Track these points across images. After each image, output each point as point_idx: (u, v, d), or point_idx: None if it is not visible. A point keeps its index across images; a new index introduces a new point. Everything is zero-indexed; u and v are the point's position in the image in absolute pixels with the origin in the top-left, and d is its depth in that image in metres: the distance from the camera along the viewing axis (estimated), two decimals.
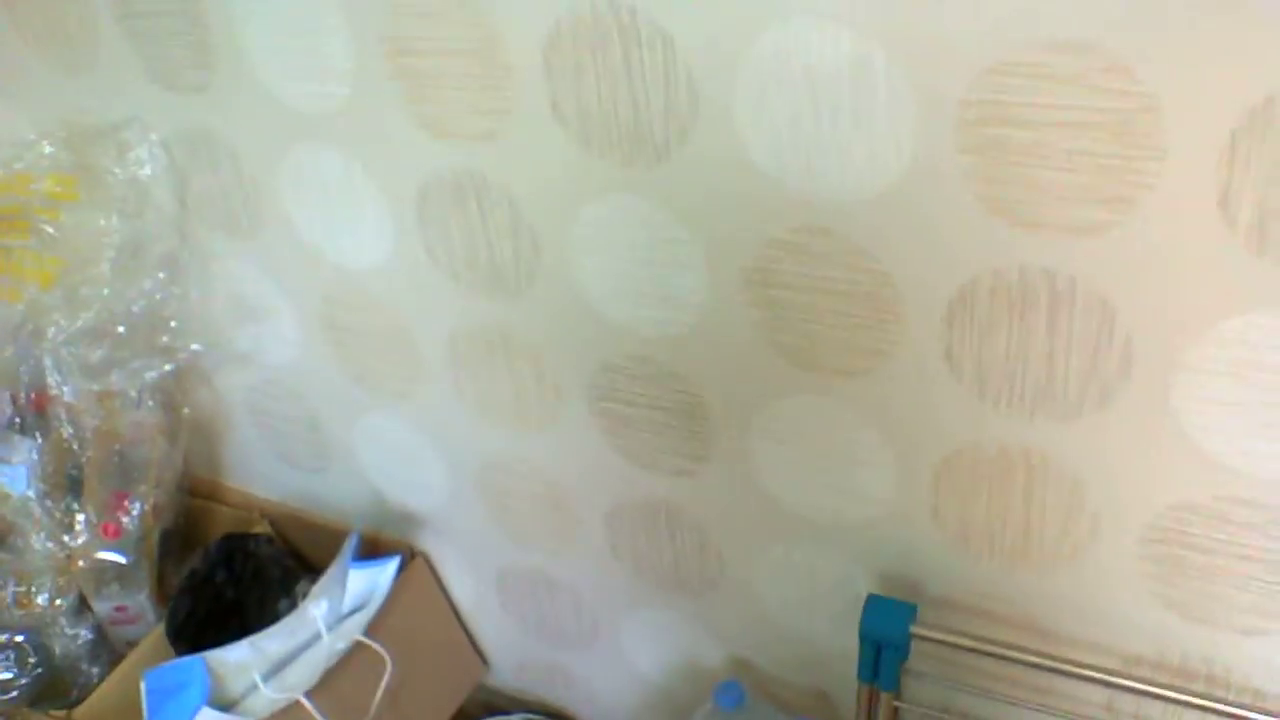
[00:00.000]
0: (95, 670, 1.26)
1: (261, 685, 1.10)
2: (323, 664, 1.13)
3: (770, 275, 0.86)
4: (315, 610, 1.16)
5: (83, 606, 1.25)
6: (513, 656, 1.39)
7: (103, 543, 1.21)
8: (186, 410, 1.29)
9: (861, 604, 0.95)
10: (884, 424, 0.90)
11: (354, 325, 1.13)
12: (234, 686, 1.12)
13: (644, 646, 1.23)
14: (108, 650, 1.28)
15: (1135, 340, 0.76)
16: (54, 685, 1.23)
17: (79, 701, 1.17)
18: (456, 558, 1.31)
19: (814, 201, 0.81)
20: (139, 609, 1.27)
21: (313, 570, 1.33)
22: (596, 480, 1.10)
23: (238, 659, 1.11)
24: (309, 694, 1.11)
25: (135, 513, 1.23)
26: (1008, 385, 0.83)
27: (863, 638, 0.95)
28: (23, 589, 1.20)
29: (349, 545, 1.19)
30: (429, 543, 1.32)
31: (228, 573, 1.27)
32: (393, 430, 1.21)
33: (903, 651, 0.95)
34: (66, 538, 1.21)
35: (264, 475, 1.38)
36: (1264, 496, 0.78)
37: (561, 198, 0.92)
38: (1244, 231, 0.69)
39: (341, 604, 1.20)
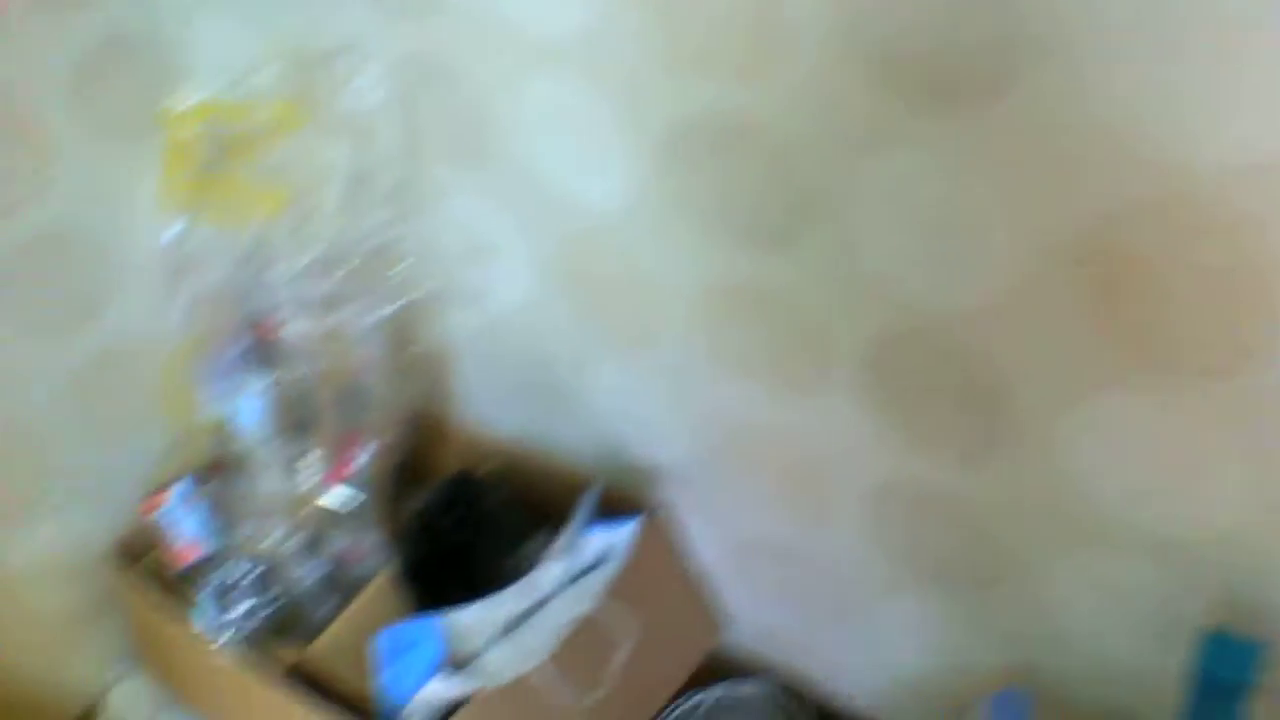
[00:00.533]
0: (327, 607, 1.23)
1: (496, 649, 1.03)
2: (561, 629, 1.06)
3: (1110, 247, 0.69)
4: (552, 571, 1.08)
5: (314, 545, 1.21)
6: (750, 621, 1.29)
7: (334, 483, 1.17)
8: (415, 348, 1.21)
9: (1192, 628, 0.79)
10: (1249, 431, 0.72)
11: (594, 270, 1.02)
12: (466, 647, 1.06)
13: (903, 635, 1.10)
14: (338, 588, 1.25)
15: None
16: (289, 620, 1.22)
17: (313, 637, 1.15)
18: (696, 517, 1.21)
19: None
20: (369, 548, 1.23)
21: (543, 518, 1.26)
22: (862, 457, 0.97)
23: (472, 620, 1.05)
24: (546, 661, 1.04)
25: (366, 452, 1.17)
26: None
27: (1195, 681, 0.79)
28: (259, 528, 1.17)
29: (588, 502, 1.10)
30: (667, 497, 1.22)
31: (455, 514, 1.21)
32: (634, 380, 1.10)
33: (1242, 699, 0.79)
34: (298, 477, 1.17)
35: (492, 416, 1.31)
36: None
37: (842, 145, 0.76)
38: None
39: (577, 563, 1.12)
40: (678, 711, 1.29)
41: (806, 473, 1.03)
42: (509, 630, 1.09)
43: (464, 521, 1.20)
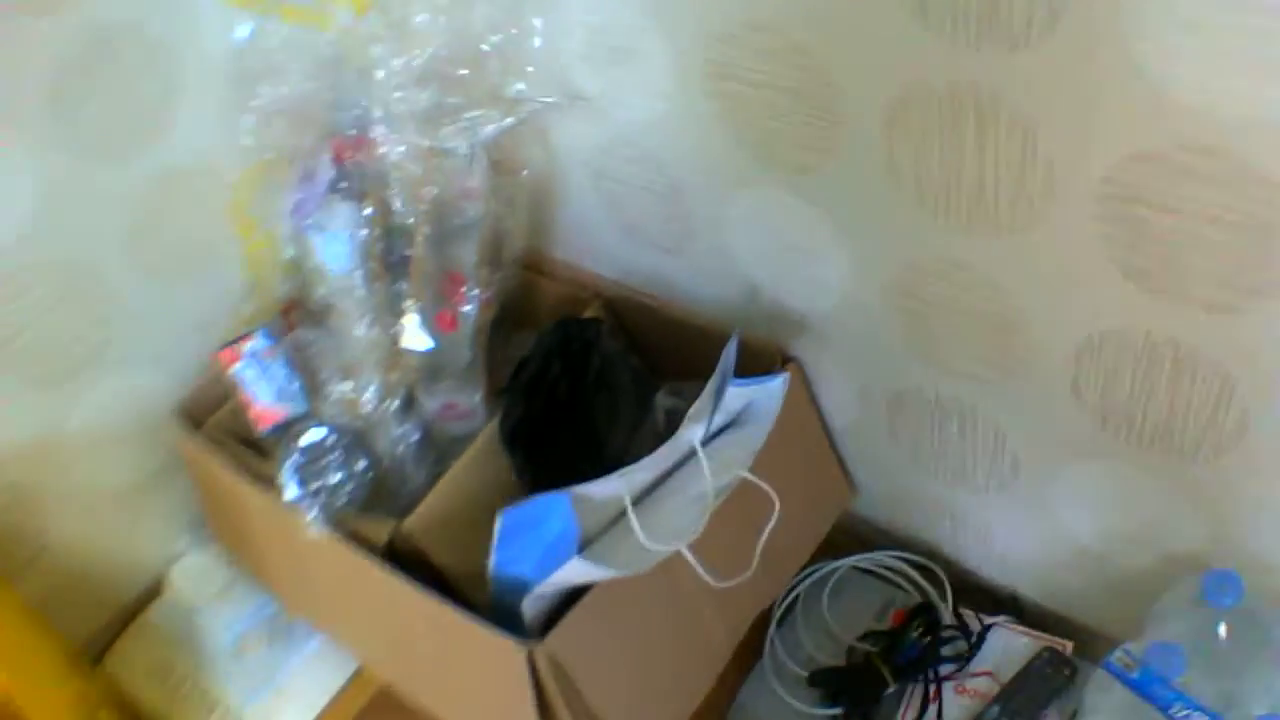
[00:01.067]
0: (421, 473, 1.09)
1: (630, 526, 0.89)
2: (704, 502, 0.92)
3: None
4: (693, 437, 0.93)
5: (408, 405, 1.07)
6: (888, 486, 1.15)
7: (435, 333, 1.02)
8: (525, 172, 1.05)
9: None
10: None
11: (751, 74, 0.85)
12: (595, 521, 0.92)
13: (1083, 505, 0.96)
14: (434, 450, 1.10)
15: None
16: (380, 489, 1.08)
17: (408, 509, 1.01)
18: (838, 370, 1.06)
19: None
20: (471, 406, 1.09)
21: (664, 371, 1.11)
22: (1077, 301, 0.81)
23: (604, 493, 0.91)
24: (692, 543, 0.90)
25: (471, 299, 1.02)
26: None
27: None
28: (348, 386, 1.02)
29: (729, 353, 0.95)
30: (803, 349, 1.06)
31: (563, 364, 1.06)
32: (784, 210, 0.94)
33: None
34: (391, 327, 1.01)
35: (603, 251, 1.14)
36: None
37: None
38: None
39: (716, 424, 0.97)
40: (808, 582, 1.17)
41: (1000, 322, 0.87)
42: (642, 500, 0.95)
43: (576, 373, 1.05)
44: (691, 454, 0.96)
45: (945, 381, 0.97)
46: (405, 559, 1.00)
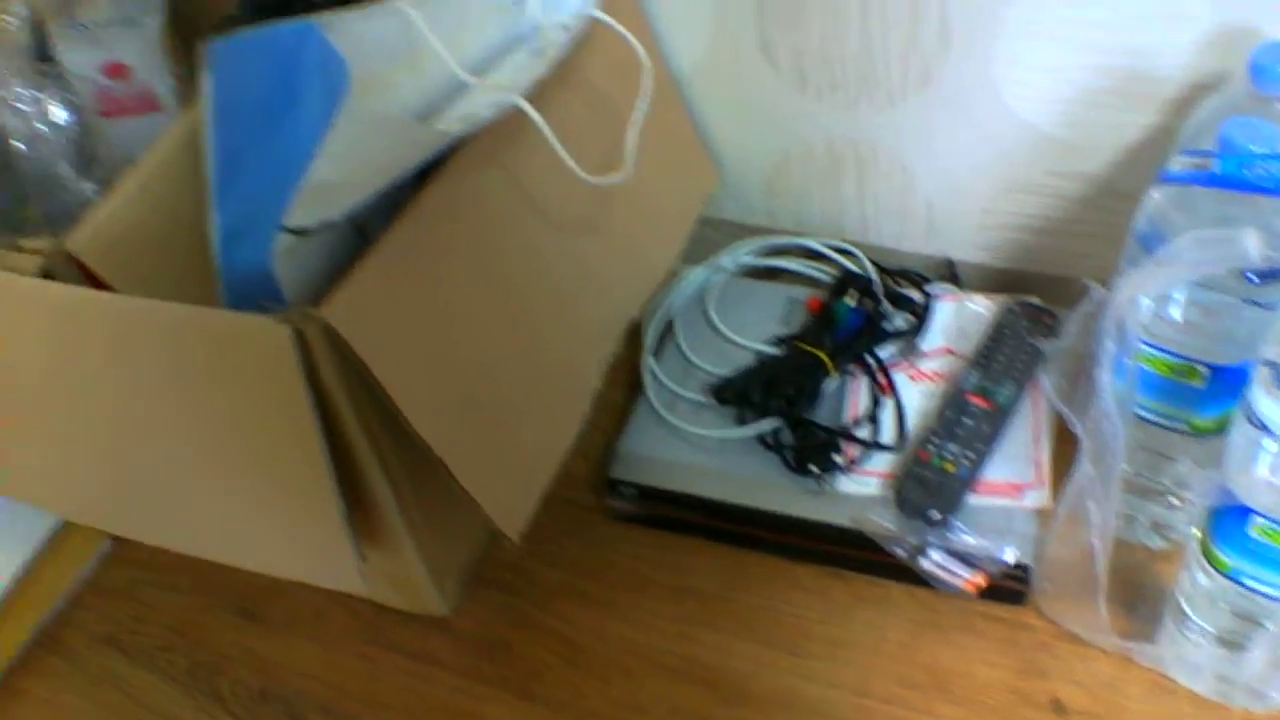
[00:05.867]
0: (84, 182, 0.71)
1: (452, 64, 0.55)
2: (541, 51, 0.59)
3: None
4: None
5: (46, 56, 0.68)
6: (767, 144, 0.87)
7: None
8: None
9: None
10: None
11: None
12: (379, 69, 0.57)
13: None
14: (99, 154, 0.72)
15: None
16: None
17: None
18: None
19: None
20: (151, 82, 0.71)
21: None
22: None
23: (387, 34, 0.56)
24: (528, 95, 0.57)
25: None
26: None
27: None
28: None
29: None
30: None
31: None
32: None
33: None
34: None
35: None
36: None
37: None
38: None
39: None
40: (684, 299, 0.86)
41: None
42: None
43: None
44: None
45: None
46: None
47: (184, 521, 0.69)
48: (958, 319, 0.80)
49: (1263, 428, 0.50)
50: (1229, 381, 0.58)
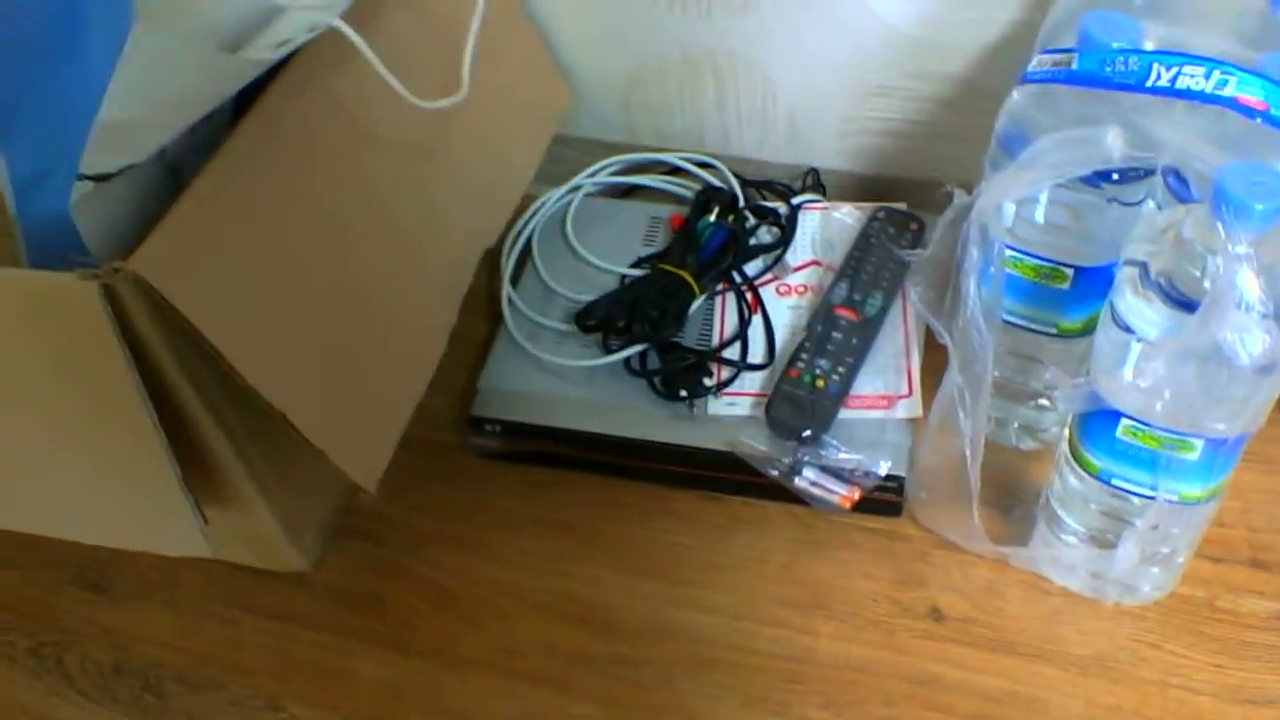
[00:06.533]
0: None
1: None
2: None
3: None
4: None
5: None
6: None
7: None
8: None
9: None
10: None
11: None
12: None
13: None
14: None
15: None
16: None
17: None
18: None
19: None
20: None
21: None
22: None
23: None
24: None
25: None
26: None
27: None
28: None
29: None
30: None
31: None
32: None
33: None
34: None
35: None
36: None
37: None
38: None
39: None
40: (539, 221, 0.82)
41: None
42: None
43: None
44: None
45: None
46: None
47: (11, 497, 0.64)
48: (824, 230, 0.78)
49: (1127, 329, 0.49)
50: (1094, 282, 0.57)
